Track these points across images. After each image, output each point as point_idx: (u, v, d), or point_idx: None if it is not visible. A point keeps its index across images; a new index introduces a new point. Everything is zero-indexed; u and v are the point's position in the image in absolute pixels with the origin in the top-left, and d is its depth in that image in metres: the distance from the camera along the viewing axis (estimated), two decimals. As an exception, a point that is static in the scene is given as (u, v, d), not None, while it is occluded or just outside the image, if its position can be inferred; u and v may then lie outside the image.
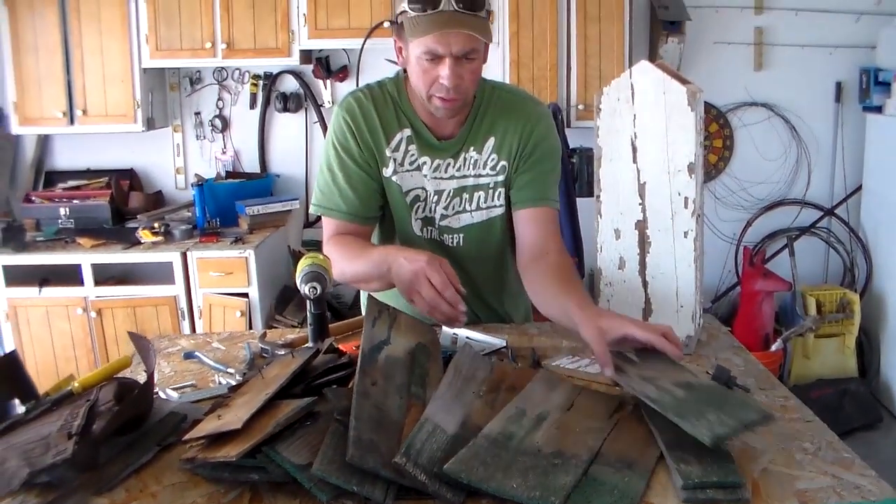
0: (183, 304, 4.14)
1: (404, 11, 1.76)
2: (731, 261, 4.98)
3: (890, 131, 4.45)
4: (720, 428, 1.25)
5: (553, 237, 1.95)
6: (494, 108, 1.95)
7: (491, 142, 1.95)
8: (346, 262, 1.88)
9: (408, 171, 1.96)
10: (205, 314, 4.15)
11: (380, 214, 2.02)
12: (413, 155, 1.95)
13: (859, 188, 4.83)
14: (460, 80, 1.77)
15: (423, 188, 1.97)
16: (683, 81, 1.77)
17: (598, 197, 1.82)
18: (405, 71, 1.91)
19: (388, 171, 1.96)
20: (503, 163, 1.95)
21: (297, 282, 1.65)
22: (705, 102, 4.65)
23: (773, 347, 4.37)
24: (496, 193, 1.98)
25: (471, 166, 1.96)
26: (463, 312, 1.64)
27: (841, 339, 4.57)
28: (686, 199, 1.76)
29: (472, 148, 1.95)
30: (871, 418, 4.30)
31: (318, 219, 2.13)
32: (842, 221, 4.91)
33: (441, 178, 1.96)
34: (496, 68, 4.33)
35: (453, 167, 1.96)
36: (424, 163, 1.95)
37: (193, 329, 4.13)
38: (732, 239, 4.97)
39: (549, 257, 1.89)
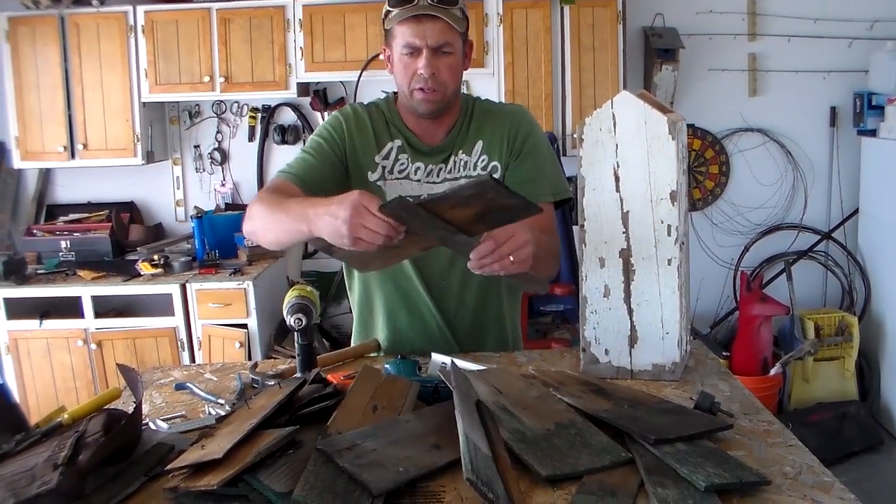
0: (182, 335, 4.16)
1: (388, 12, 1.91)
2: (730, 286, 4.99)
3: (885, 154, 4.47)
4: (717, 478, 1.27)
5: (538, 222, 1.79)
6: (478, 115, 2.09)
7: (479, 145, 2.06)
8: (266, 213, 1.85)
9: (396, 179, 2.04)
10: (204, 345, 4.16)
11: (320, 193, 1.91)
12: (403, 164, 2.04)
13: (856, 211, 4.84)
14: (437, 70, 1.91)
15: (411, 198, 1.98)
16: (665, 111, 1.80)
17: (583, 226, 1.83)
18: (395, 93, 2.07)
19: (373, 176, 2.04)
20: (494, 163, 2.04)
21: (284, 313, 1.67)
22: (701, 129, 4.76)
23: (773, 371, 4.36)
24: None
25: (461, 168, 2.05)
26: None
27: (840, 363, 4.56)
28: (669, 226, 1.77)
29: (461, 151, 2.05)
30: (872, 441, 4.28)
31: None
32: (839, 245, 4.91)
33: (434, 182, 2.03)
34: (491, 98, 4.35)
35: (445, 170, 2.05)
36: (418, 168, 2.04)
37: (193, 360, 4.15)
38: (730, 264, 4.98)
39: None
